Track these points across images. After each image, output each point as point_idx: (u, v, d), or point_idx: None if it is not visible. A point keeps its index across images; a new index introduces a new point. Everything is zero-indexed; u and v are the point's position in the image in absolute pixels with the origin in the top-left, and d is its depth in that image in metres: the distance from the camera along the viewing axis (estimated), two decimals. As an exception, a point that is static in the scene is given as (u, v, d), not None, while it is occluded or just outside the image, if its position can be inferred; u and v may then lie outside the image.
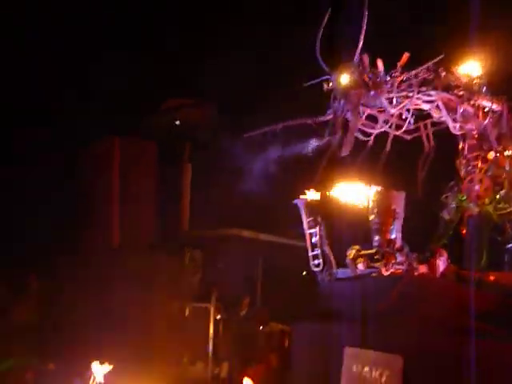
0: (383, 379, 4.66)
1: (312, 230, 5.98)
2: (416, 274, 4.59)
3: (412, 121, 5.96)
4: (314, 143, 6.24)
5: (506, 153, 6.56)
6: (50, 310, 9.24)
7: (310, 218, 6.00)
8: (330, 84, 5.31)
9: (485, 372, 4.08)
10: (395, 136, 5.74)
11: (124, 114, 8.76)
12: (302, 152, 7.60)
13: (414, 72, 5.59)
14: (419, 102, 5.75)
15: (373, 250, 4.71)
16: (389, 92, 5.38)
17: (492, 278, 4.69)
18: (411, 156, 6.54)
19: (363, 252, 4.77)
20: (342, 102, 5.18)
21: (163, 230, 10.02)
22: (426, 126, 6.75)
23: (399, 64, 5.74)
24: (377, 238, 4.66)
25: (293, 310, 11.26)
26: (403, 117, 5.80)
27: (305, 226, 6.08)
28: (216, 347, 9.39)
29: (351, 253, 4.81)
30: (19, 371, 7.39)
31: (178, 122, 10.69)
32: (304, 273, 14.02)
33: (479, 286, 4.57)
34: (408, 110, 5.69)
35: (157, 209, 9.56)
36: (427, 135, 6.91)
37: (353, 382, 4.88)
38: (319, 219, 5.96)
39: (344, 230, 5.57)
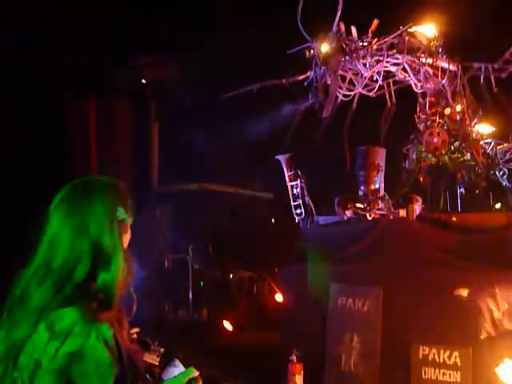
0: (365, 308, 5.41)
1: (293, 183, 6.60)
2: (393, 217, 5.32)
3: (380, 81, 6.60)
4: (291, 105, 6.81)
5: (458, 108, 7.35)
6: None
7: (291, 172, 6.61)
8: (312, 51, 5.82)
9: (449, 295, 4.93)
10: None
11: (96, 73, 8.87)
12: (273, 112, 8.16)
13: (383, 38, 6.18)
14: (388, 64, 6.37)
15: (359, 199, 5.39)
16: (363, 57, 5.95)
17: (454, 218, 5.47)
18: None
19: (351, 200, 5.45)
20: (323, 67, 5.71)
21: (136, 187, 10.35)
22: (388, 85, 7.43)
23: (370, 30, 6.31)
24: (363, 188, 5.34)
25: (263, 257, 12.05)
26: (374, 78, 6.42)
27: (287, 178, 6.69)
28: (195, 294, 10.06)
29: (339, 201, 5.48)
30: None
31: (144, 81, 10.88)
32: (273, 220, 14.80)
33: (444, 225, 5.36)
34: (378, 73, 6.30)
35: (130, 167, 9.86)
36: (389, 93, 7.62)
37: (338, 312, 5.61)
38: (299, 173, 6.60)
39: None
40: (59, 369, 1.53)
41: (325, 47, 5.66)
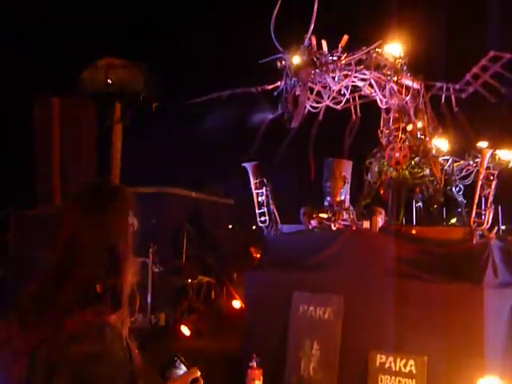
0: (326, 316, 5.54)
1: (259, 191, 6.68)
2: (356, 228, 5.47)
3: (347, 95, 6.78)
4: (259, 114, 6.90)
5: (419, 125, 7.62)
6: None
7: (257, 180, 6.69)
8: (283, 62, 5.92)
9: (407, 304, 5.11)
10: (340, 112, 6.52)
11: (60, 73, 8.74)
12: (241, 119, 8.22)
13: (352, 54, 6.36)
14: (356, 79, 6.55)
15: (325, 209, 5.52)
16: (332, 71, 6.10)
17: (414, 231, 5.68)
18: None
19: (316, 210, 5.57)
20: (294, 79, 5.83)
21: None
22: (354, 99, 7.64)
23: (340, 45, 6.48)
24: (328, 199, 5.46)
25: (223, 262, 12.06)
26: (342, 92, 6.59)
27: (252, 186, 6.76)
28: (153, 298, 9.95)
29: (305, 211, 5.59)
30: None
31: (109, 81, 10.75)
32: (230, 226, 14.84)
33: (405, 237, 5.55)
34: (346, 87, 6.47)
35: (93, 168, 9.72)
36: (355, 107, 7.83)
37: (299, 320, 5.72)
38: (265, 181, 6.68)
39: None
40: (77, 371, 1.55)
41: (296, 59, 5.78)
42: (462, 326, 4.80)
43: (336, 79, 6.26)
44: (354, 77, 6.48)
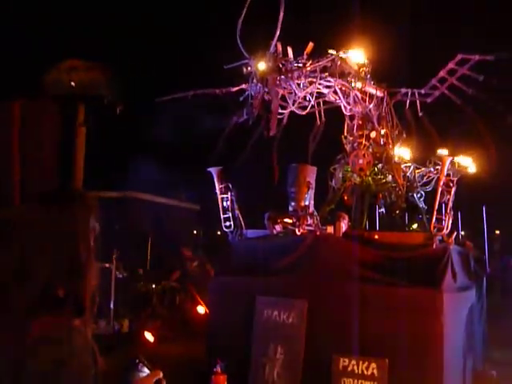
0: (290, 320, 5.57)
1: (224, 196, 6.67)
2: (320, 233, 5.52)
3: (312, 102, 6.86)
4: (223, 117, 6.91)
5: (382, 132, 7.76)
6: None
7: (222, 185, 6.69)
8: (249, 68, 5.94)
9: (369, 308, 5.19)
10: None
11: (21, 76, 8.50)
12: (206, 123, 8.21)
13: (317, 61, 6.44)
14: (320, 86, 6.63)
15: (289, 214, 5.55)
16: (298, 77, 6.16)
17: (376, 236, 5.77)
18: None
19: (280, 216, 5.59)
20: (259, 85, 5.85)
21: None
22: (318, 105, 7.73)
23: (305, 52, 6.55)
24: (293, 204, 5.49)
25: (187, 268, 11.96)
26: (307, 98, 6.66)
27: (217, 191, 6.75)
28: (117, 304, 9.81)
29: (269, 215, 5.61)
30: None
31: (73, 84, 10.53)
32: (194, 232, 14.77)
33: (367, 242, 5.64)
34: (311, 94, 6.54)
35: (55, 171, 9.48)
36: (319, 112, 7.93)
37: (263, 324, 5.72)
38: (230, 186, 6.68)
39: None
40: (46, 373, 1.54)
41: (262, 65, 5.81)
42: (422, 329, 4.90)
43: (301, 86, 6.32)
44: (319, 84, 6.56)
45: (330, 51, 6.58)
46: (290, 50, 6.38)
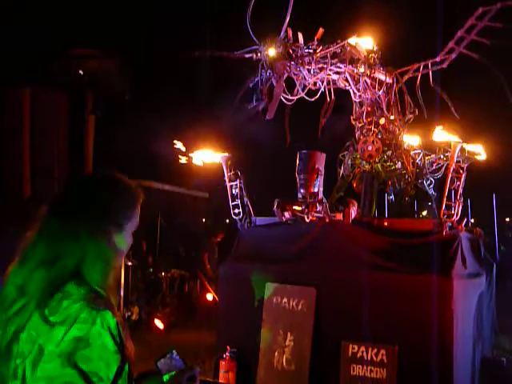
0: (299, 307, 5.58)
1: (232, 183, 6.66)
2: (330, 220, 5.50)
3: (322, 88, 6.80)
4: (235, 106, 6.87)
5: (391, 118, 7.69)
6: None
7: (231, 172, 6.67)
8: (259, 54, 5.90)
9: (379, 295, 5.19)
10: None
11: (31, 64, 8.55)
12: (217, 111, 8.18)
13: (327, 47, 6.37)
14: (331, 72, 6.57)
15: (298, 201, 5.54)
16: (308, 63, 6.11)
17: (386, 223, 5.75)
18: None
19: (290, 203, 5.58)
20: (269, 71, 5.82)
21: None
22: (328, 83, 7.62)
23: (316, 38, 6.48)
24: (302, 191, 5.48)
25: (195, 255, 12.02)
26: (317, 84, 6.61)
27: (226, 178, 6.74)
28: (127, 292, 9.90)
29: (278, 203, 5.60)
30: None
31: (81, 72, 10.57)
32: (204, 220, 14.80)
33: (377, 229, 5.61)
34: (321, 80, 6.49)
35: (65, 159, 9.57)
36: (329, 90, 7.83)
37: (273, 311, 5.75)
38: (239, 173, 6.67)
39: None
40: (65, 353, 1.57)
41: (272, 51, 5.77)
42: (432, 316, 4.89)
43: (311, 72, 6.27)
44: (329, 70, 6.51)
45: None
46: (300, 36, 6.33)
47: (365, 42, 7.23)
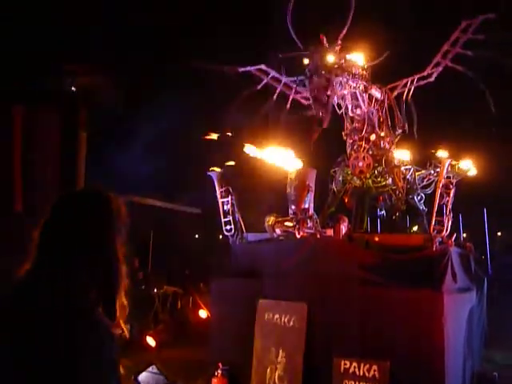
0: (291, 323, 5.58)
1: (224, 199, 6.69)
2: (320, 236, 5.53)
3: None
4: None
5: (382, 134, 7.75)
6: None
7: (223, 189, 6.70)
8: (308, 61, 5.94)
9: (370, 310, 5.20)
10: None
11: (23, 80, 8.57)
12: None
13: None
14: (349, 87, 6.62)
15: (289, 218, 5.56)
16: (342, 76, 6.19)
17: (376, 238, 5.78)
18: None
19: (281, 219, 5.61)
20: (322, 78, 5.82)
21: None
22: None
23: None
24: (293, 207, 5.51)
25: (189, 271, 11.96)
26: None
27: (218, 195, 6.76)
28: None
29: (270, 219, 5.62)
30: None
31: (73, 89, 10.59)
32: (196, 236, 14.77)
33: (368, 245, 5.64)
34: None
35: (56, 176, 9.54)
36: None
37: (265, 328, 5.74)
38: (231, 190, 6.70)
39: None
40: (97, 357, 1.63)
41: (331, 58, 5.84)
42: (422, 331, 4.90)
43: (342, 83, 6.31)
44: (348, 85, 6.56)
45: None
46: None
47: (356, 58, 7.31)
